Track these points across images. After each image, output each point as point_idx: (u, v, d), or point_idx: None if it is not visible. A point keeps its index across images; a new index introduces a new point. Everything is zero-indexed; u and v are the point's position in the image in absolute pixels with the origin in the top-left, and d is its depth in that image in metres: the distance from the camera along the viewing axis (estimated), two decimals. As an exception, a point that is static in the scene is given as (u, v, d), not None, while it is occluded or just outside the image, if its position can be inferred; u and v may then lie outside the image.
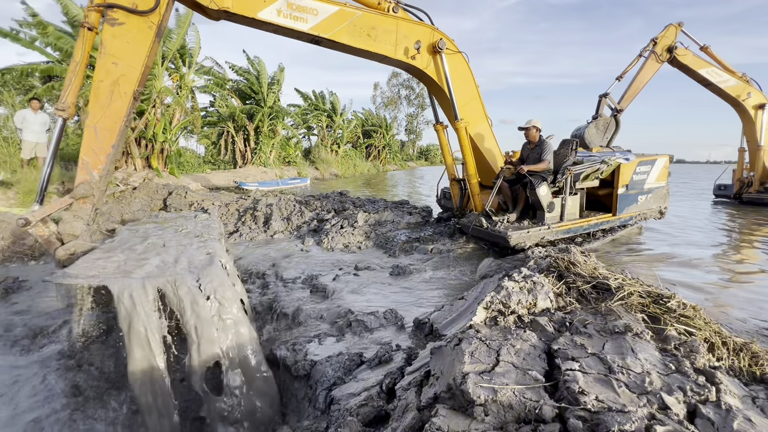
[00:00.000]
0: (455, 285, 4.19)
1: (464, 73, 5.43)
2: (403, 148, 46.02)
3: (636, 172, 5.37)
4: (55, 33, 10.54)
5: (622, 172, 5.25)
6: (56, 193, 7.60)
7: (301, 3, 4.09)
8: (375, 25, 4.58)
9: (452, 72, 5.16)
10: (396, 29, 4.75)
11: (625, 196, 5.37)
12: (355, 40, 4.49)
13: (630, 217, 5.53)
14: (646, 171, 5.47)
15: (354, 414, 1.78)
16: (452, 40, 5.22)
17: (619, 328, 1.89)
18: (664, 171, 5.68)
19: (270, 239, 6.50)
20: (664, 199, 5.86)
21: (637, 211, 5.50)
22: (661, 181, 5.64)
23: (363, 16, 4.51)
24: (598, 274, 2.61)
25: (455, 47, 5.24)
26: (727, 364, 1.75)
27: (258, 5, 3.88)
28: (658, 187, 5.68)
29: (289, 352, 2.60)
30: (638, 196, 5.49)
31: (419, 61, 4.97)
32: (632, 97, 8.30)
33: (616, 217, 5.35)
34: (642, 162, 5.43)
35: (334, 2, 4.31)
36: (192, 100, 14.82)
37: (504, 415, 1.41)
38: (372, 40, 4.59)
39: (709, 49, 9.08)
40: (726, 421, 1.32)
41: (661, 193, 5.71)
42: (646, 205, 5.61)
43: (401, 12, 4.82)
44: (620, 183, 5.27)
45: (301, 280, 4.26)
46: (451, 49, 5.11)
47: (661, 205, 5.75)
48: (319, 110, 26.49)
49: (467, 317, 2.32)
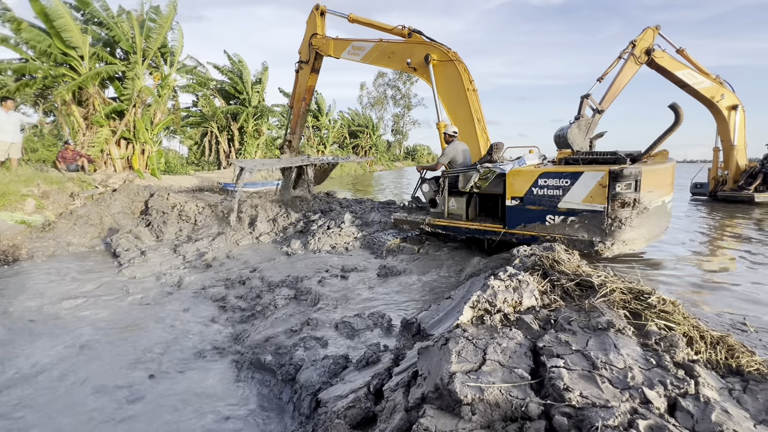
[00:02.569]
0: (442, 284, 4.20)
1: (452, 80, 6.19)
2: (389, 149, 46.04)
3: (537, 185, 4.29)
4: (29, 29, 10.17)
5: (509, 182, 4.47)
6: (31, 195, 7.33)
7: (357, 45, 7.28)
8: (394, 50, 6.86)
9: (437, 78, 6.29)
10: (404, 50, 6.70)
11: (520, 210, 4.43)
12: (380, 62, 7.17)
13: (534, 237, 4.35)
14: (559, 186, 4.17)
15: (341, 416, 1.76)
16: (445, 52, 6.21)
17: (602, 324, 1.92)
18: (599, 190, 3.94)
19: (256, 241, 6.41)
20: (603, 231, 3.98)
21: (546, 233, 4.25)
22: (593, 203, 3.99)
23: (385, 45, 6.92)
24: (582, 271, 2.65)
25: (446, 57, 6.21)
26: (705, 358, 1.80)
27: (341, 51, 7.62)
28: (590, 211, 4.02)
29: (273, 357, 2.56)
30: (546, 214, 4.27)
31: (419, 71, 6.63)
32: (613, 97, 8.50)
33: (505, 230, 4.57)
34: (548, 174, 4.23)
35: (370, 41, 7.13)
36: (173, 99, 14.50)
37: (491, 414, 1.42)
38: (391, 60, 7.00)
39: (684, 51, 9.37)
40: (704, 413, 1.35)
41: (596, 220, 3.99)
42: (564, 229, 4.17)
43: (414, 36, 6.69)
44: (508, 194, 4.49)
45: (286, 284, 4.22)
46: (439, 59, 6.27)
47: (595, 238, 3.98)
48: (304, 110, 26.26)
49: (454, 317, 2.33)
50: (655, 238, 4.44)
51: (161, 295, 4.21)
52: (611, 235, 3.95)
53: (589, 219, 4.06)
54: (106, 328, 3.38)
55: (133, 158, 12.30)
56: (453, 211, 5.19)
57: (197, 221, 7.20)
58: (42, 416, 2.24)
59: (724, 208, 9.34)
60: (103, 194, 8.29)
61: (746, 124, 10.14)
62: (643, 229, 4.05)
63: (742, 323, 2.76)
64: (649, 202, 4.03)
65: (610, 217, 3.95)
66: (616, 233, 3.93)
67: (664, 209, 4.48)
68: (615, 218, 3.93)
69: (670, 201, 4.69)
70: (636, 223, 3.95)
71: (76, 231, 6.50)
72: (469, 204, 5.10)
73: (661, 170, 4.40)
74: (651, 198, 4.07)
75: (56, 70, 10.68)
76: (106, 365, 2.77)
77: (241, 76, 18.85)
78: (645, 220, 4.02)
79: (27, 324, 3.46)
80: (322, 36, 7.91)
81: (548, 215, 4.29)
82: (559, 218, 4.22)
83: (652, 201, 4.08)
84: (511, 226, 4.54)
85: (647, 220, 4.05)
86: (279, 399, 2.35)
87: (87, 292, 4.28)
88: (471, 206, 5.13)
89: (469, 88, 6.12)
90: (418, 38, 6.59)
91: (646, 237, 4.15)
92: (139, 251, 5.66)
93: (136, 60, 11.62)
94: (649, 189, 4.02)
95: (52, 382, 2.57)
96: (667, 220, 4.67)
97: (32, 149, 11.67)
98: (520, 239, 4.47)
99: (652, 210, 4.08)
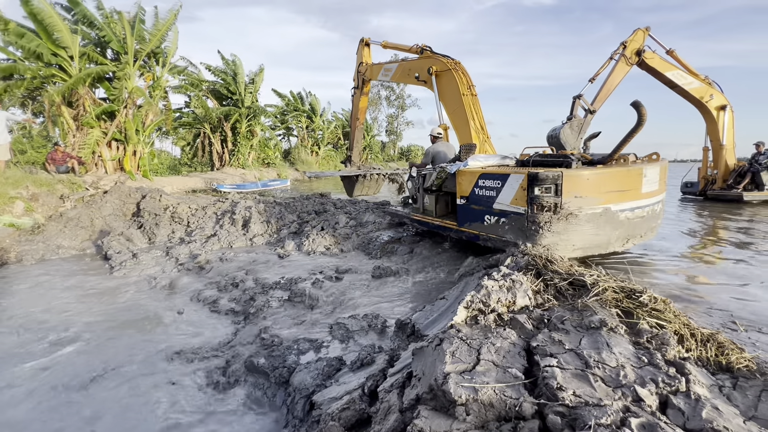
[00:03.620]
0: (437, 285, 4.21)
1: (451, 87, 6.81)
2: (384, 149, 46.05)
3: (478, 185, 4.33)
4: (16, 30, 10.02)
5: (458, 181, 4.57)
6: (20, 198, 7.21)
7: (387, 67, 8.59)
8: (410, 68, 7.85)
9: (439, 86, 7.02)
10: (416, 66, 7.64)
11: (467, 209, 4.51)
12: (403, 79, 8.37)
13: (476, 236, 4.42)
14: (492, 187, 4.17)
15: (336, 418, 1.75)
16: (445, 62, 6.84)
17: (595, 323, 1.94)
18: (521, 193, 3.89)
19: (249, 243, 6.37)
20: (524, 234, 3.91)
21: (486, 233, 4.29)
22: (516, 205, 3.96)
23: (404, 64, 8.12)
24: (574, 271, 2.67)
25: (445, 67, 6.81)
26: (695, 355, 1.82)
27: (377, 74, 8.84)
28: (515, 213, 3.97)
29: (266, 359, 2.54)
30: (485, 214, 4.29)
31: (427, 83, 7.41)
32: (604, 98, 8.58)
33: (457, 227, 4.68)
34: (486, 175, 4.26)
35: (395, 62, 8.49)
36: (165, 100, 14.36)
37: (485, 414, 1.42)
38: (409, 77, 7.95)
39: (674, 52, 9.48)
40: (695, 410, 1.37)
41: (520, 222, 3.94)
42: (497, 230, 4.18)
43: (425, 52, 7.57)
44: (458, 193, 4.60)
45: (280, 286, 4.19)
46: (440, 69, 6.93)
47: (519, 240, 3.93)
48: (298, 111, 26.20)
49: (448, 317, 2.33)
50: (599, 248, 4.08)
51: (153, 298, 4.16)
52: (531, 238, 3.86)
53: (515, 221, 4.02)
54: (98, 331, 3.33)
55: (125, 160, 12.17)
56: (427, 207, 5.44)
57: (190, 223, 7.14)
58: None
59: (713, 207, 9.47)
60: (94, 196, 8.18)
61: (735, 124, 10.30)
62: (572, 236, 3.84)
63: (732, 321, 2.80)
64: (577, 207, 3.80)
65: (530, 220, 3.86)
66: (535, 237, 3.83)
67: (613, 217, 4.03)
68: (534, 222, 3.83)
69: (637, 208, 4.23)
70: (558, 228, 3.77)
71: (66, 234, 6.41)
72: (438, 201, 5.29)
73: (607, 174, 4.04)
74: (581, 204, 3.82)
75: (45, 71, 10.53)
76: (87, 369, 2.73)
77: (234, 76, 18.74)
78: (572, 227, 3.81)
79: (16, 329, 3.40)
80: (366, 63, 9.44)
81: (486, 215, 4.31)
82: (494, 219, 4.23)
83: (583, 207, 3.83)
84: (461, 224, 4.64)
85: (577, 228, 3.83)
86: (272, 402, 2.33)
87: (77, 296, 4.22)
88: (440, 203, 5.32)
89: (466, 93, 6.58)
90: (427, 54, 7.57)
91: (576, 245, 3.91)
92: (130, 254, 5.59)
93: (127, 61, 11.50)
94: (577, 194, 3.80)
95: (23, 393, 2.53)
96: (626, 230, 4.19)
97: (21, 151, 11.49)
98: (467, 237, 4.61)
99: (584, 217, 3.84)
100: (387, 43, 9.01)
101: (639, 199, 4.26)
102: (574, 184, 3.80)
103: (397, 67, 8.27)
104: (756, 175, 10.08)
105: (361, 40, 9.45)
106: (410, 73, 7.89)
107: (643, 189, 4.28)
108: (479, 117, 6.67)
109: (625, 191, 4.13)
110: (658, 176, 4.50)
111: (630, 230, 4.27)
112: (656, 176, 4.47)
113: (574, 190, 3.80)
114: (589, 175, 3.92)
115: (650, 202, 4.41)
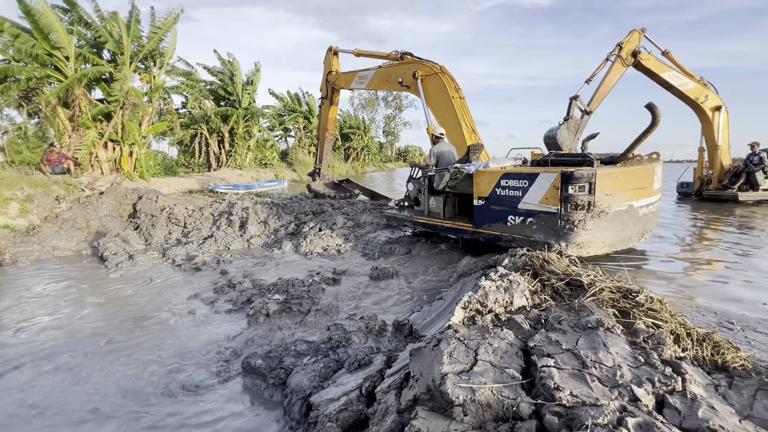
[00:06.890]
0: (435, 285, 4.21)
1: (439, 91, 6.84)
2: (381, 150, 46.07)
3: (500, 185, 4.26)
4: (11, 30, 9.95)
5: (476, 182, 4.50)
6: (15, 199, 7.16)
7: (362, 74, 8.52)
8: (390, 74, 7.83)
9: (425, 90, 7.07)
10: (398, 72, 7.65)
11: (486, 210, 4.44)
12: (381, 86, 8.26)
13: (497, 237, 4.35)
14: (519, 187, 4.11)
15: (333, 420, 1.75)
16: (430, 67, 6.96)
17: (592, 323, 1.94)
18: (553, 192, 3.86)
19: (246, 244, 6.36)
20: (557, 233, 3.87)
21: (510, 233, 4.22)
22: (548, 205, 3.90)
23: (383, 70, 8.03)
24: (571, 271, 2.68)
25: (431, 71, 6.93)
26: (691, 354, 1.83)
27: (350, 83, 8.86)
28: (546, 212, 3.93)
29: (263, 360, 2.53)
30: (508, 215, 4.22)
31: (411, 88, 7.46)
32: (601, 99, 8.61)
33: (473, 229, 4.61)
34: (509, 175, 4.21)
35: (371, 69, 8.27)
36: (166, 102, 14.30)
37: (482, 414, 1.42)
38: (389, 83, 7.98)
39: (670, 53, 9.54)
40: (691, 409, 1.37)
41: (551, 222, 3.90)
42: (523, 230, 4.11)
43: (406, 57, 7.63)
44: (475, 194, 4.53)
45: (277, 287, 4.18)
46: (425, 73, 7.03)
47: (550, 240, 3.89)
48: (296, 112, 26.16)
49: (446, 317, 2.33)
50: (623, 244, 4.20)
51: (149, 299, 4.14)
52: (564, 237, 3.83)
53: (545, 220, 3.97)
54: (92, 335, 3.31)
55: (122, 160, 12.12)
56: (432, 210, 5.32)
57: (187, 224, 7.11)
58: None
59: (709, 207, 9.52)
60: (90, 197, 8.14)
61: (730, 124, 10.37)
62: (603, 233, 3.89)
63: (728, 321, 2.82)
64: (608, 205, 3.88)
65: (563, 219, 3.83)
66: (570, 236, 3.80)
67: (634, 214, 4.19)
68: (568, 220, 3.80)
69: (650, 204, 4.41)
70: (591, 226, 3.80)
71: (62, 235, 6.37)
72: (446, 203, 5.19)
73: (630, 173, 4.19)
74: (611, 201, 3.92)
75: (41, 72, 10.47)
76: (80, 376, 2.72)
77: (232, 77, 18.69)
78: (604, 224, 3.88)
79: (12, 331, 3.37)
80: (336, 72, 9.32)
81: (509, 216, 4.25)
82: (519, 219, 4.17)
83: (612, 204, 3.92)
84: (478, 226, 4.56)
85: (608, 225, 3.90)
86: (270, 403, 2.32)
87: (72, 299, 4.20)
88: (448, 205, 5.23)
89: (454, 95, 6.62)
90: (409, 59, 7.57)
91: (606, 242, 3.98)
92: (127, 255, 5.57)
93: (124, 61, 11.45)
94: (608, 192, 3.88)
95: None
96: (642, 225, 4.36)
97: (16, 151, 11.42)
98: (486, 238, 4.51)
99: (612, 214, 3.91)
100: (360, 51, 8.84)
101: (652, 196, 4.48)
102: (606, 182, 3.88)
103: (374, 74, 8.17)
104: (751, 175, 10.15)
105: (329, 48, 9.37)
106: (390, 79, 7.81)
107: (654, 186, 4.53)
108: (469, 119, 6.73)
109: (643, 188, 4.32)
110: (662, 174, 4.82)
111: (645, 225, 4.44)
112: (661, 174, 4.78)
113: (606, 188, 3.88)
114: (618, 174, 4.06)
115: (657, 199, 4.69)
